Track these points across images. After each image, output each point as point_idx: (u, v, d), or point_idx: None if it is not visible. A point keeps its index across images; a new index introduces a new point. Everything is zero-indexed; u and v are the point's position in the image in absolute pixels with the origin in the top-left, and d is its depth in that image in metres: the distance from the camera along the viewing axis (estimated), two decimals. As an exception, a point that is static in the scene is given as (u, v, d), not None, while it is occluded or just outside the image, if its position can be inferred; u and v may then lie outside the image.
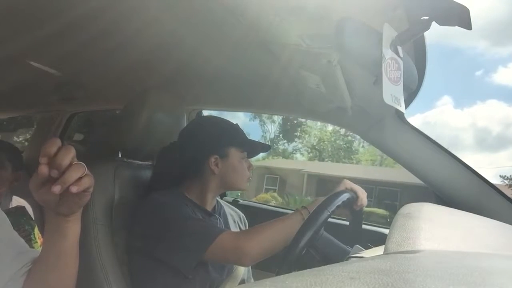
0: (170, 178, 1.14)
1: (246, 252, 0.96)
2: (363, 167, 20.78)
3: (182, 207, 1.05)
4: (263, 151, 1.24)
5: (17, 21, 1.04)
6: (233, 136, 1.16)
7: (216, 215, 1.18)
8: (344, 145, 21.67)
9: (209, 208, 1.16)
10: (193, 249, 0.98)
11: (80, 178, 0.61)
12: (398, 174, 16.97)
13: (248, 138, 1.20)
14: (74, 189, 0.60)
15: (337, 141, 21.80)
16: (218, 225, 1.15)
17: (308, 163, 20.49)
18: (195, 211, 1.08)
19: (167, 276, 1.02)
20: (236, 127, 1.19)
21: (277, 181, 16.90)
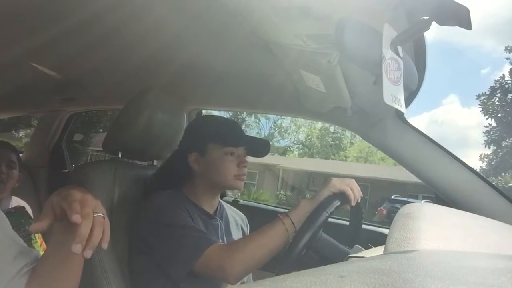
0: (170, 177, 1.14)
1: (230, 273, 0.94)
2: (334, 162, 21.25)
3: (178, 211, 1.02)
4: (250, 150, 1.11)
5: (18, 23, 1.04)
6: (213, 132, 1.10)
7: (217, 218, 1.16)
8: (318, 144, 22.38)
9: (209, 209, 1.14)
10: (183, 260, 0.97)
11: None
12: (368, 170, 17.30)
13: (241, 134, 1.15)
14: (105, 246, 0.61)
15: (313, 139, 22.61)
16: (219, 229, 1.14)
17: (282, 158, 21.36)
18: (194, 214, 1.06)
19: (166, 279, 1.01)
20: (219, 123, 1.15)
21: (256, 175, 17.53)
